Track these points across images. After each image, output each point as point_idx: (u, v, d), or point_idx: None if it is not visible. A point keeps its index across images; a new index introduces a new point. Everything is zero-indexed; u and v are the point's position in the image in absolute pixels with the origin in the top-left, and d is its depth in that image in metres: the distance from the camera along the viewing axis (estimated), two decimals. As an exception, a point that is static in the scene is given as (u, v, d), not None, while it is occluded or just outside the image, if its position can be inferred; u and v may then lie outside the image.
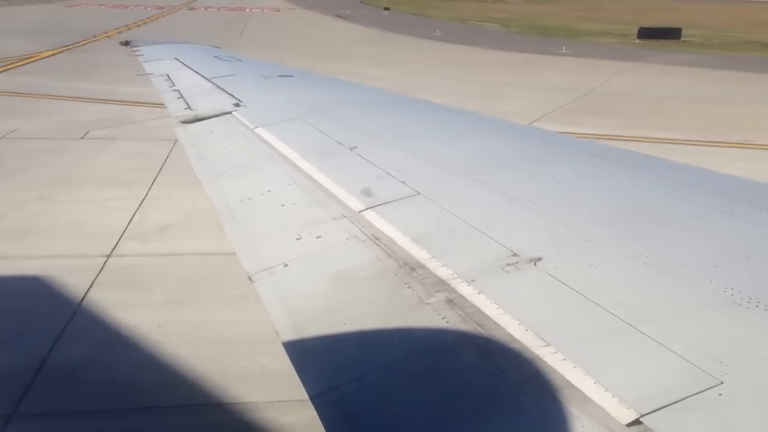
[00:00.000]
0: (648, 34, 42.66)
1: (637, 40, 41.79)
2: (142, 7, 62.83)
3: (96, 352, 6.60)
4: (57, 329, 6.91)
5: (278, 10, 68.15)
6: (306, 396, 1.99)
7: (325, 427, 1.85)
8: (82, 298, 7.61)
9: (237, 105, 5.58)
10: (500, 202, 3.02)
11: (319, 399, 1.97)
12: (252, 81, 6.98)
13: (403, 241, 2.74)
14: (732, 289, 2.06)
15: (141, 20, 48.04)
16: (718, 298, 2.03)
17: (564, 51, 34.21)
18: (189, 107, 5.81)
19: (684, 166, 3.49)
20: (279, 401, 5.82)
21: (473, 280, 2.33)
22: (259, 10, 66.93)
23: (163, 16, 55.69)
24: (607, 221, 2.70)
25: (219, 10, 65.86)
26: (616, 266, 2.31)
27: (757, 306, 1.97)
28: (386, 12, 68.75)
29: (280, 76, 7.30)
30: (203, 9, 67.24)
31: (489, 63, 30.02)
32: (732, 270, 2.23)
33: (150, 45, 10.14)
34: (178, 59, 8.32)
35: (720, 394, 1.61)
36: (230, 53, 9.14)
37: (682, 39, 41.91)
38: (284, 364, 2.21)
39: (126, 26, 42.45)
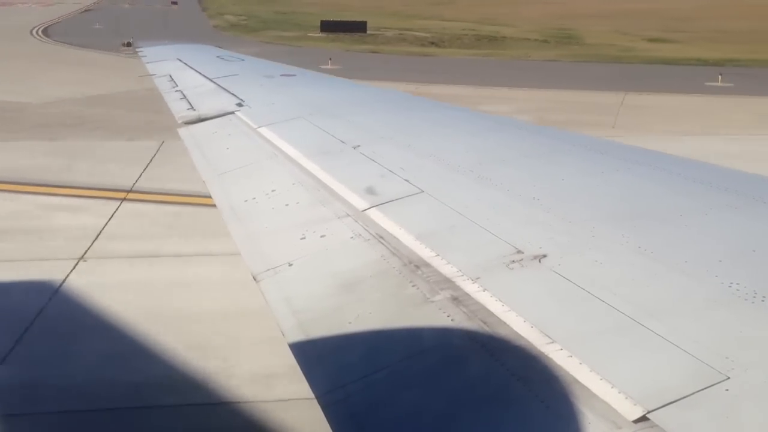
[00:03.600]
0: (331, 27, 42.84)
1: (319, 33, 41.93)
2: None
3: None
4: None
5: (51, 5, 65.55)
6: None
7: (332, 427, 1.85)
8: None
9: (240, 105, 5.58)
10: (504, 200, 3.01)
11: (325, 398, 1.97)
12: (254, 81, 6.98)
13: (407, 240, 2.74)
14: (737, 284, 2.05)
15: None
16: (724, 293, 2.03)
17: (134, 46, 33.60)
18: (192, 108, 5.81)
19: (688, 161, 3.48)
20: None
21: (478, 278, 2.33)
22: (26, 5, 65.02)
23: None
24: (612, 217, 2.70)
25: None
26: (620, 262, 2.31)
27: (762, 301, 1.96)
28: (173, 6, 69.65)
29: (282, 75, 7.31)
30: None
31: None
32: (737, 265, 2.22)
33: (153, 46, 10.15)
34: (180, 60, 8.33)
35: (727, 390, 1.60)
36: (233, 53, 9.15)
37: (369, 33, 41.96)
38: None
39: None
